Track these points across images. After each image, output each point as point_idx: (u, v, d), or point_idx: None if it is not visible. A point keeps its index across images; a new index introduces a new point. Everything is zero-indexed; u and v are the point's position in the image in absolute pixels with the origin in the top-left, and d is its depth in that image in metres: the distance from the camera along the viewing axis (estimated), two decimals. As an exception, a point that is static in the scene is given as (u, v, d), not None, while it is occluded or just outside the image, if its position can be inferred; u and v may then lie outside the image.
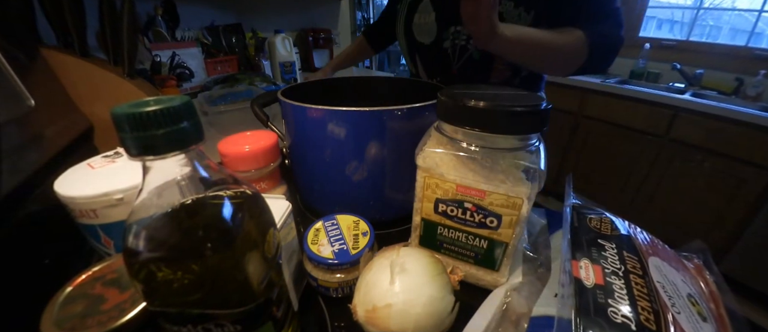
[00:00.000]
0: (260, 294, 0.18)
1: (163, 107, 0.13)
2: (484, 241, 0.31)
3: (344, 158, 0.37)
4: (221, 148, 0.38)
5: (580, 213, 0.31)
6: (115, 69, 0.50)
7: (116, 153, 0.32)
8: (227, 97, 0.87)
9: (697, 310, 0.23)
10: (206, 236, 0.15)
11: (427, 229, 0.34)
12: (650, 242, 0.29)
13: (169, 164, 0.14)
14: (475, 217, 0.30)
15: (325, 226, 0.33)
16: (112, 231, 0.28)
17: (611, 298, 0.21)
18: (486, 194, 0.28)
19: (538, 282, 0.30)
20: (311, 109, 0.35)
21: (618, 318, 0.20)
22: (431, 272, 0.26)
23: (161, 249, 0.15)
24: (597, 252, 0.26)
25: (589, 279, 0.23)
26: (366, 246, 0.31)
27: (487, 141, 0.27)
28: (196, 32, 1.24)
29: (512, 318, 0.28)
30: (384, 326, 0.24)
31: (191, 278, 0.15)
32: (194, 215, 0.16)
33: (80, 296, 0.20)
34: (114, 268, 0.22)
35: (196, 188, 0.16)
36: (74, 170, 0.29)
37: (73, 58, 0.47)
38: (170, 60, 1.08)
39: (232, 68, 1.27)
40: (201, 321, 0.16)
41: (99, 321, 0.19)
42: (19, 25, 0.44)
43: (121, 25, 0.48)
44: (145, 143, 0.13)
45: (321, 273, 0.30)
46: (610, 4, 0.49)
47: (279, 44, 1.27)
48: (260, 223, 0.18)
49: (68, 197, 0.26)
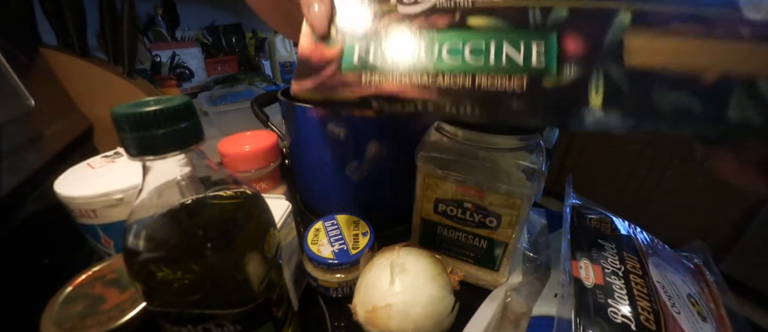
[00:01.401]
0: (260, 294, 0.18)
1: (163, 107, 0.13)
2: (484, 241, 0.31)
3: (344, 158, 0.37)
4: (221, 148, 0.38)
5: (580, 213, 0.31)
6: (115, 69, 0.50)
7: (116, 153, 0.32)
8: (227, 97, 0.87)
9: (697, 310, 0.23)
10: (206, 236, 0.15)
11: (426, 229, 0.34)
12: (650, 242, 0.29)
13: (169, 164, 0.14)
14: (475, 217, 0.30)
15: (325, 226, 0.33)
16: (112, 231, 0.28)
17: (611, 298, 0.21)
18: (485, 194, 0.28)
19: (538, 282, 0.30)
20: (311, 109, 0.35)
21: (618, 318, 0.20)
22: (431, 272, 0.26)
23: (161, 249, 0.15)
24: (597, 251, 0.26)
25: (589, 279, 0.23)
26: (366, 246, 0.31)
27: (487, 141, 0.27)
28: (196, 32, 1.24)
29: (511, 318, 0.28)
30: (384, 326, 0.24)
31: (191, 278, 0.15)
32: (194, 215, 0.16)
33: (80, 296, 0.20)
34: (114, 268, 0.23)
35: (196, 188, 0.16)
36: (74, 170, 0.29)
37: (73, 58, 0.47)
38: (170, 60, 1.08)
39: (232, 68, 1.27)
40: (201, 321, 0.16)
41: (99, 321, 0.19)
42: (19, 25, 0.44)
43: (121, 25, 0.48)
44: (145, 143, 0.13)
45: (321, 273, 0.30)
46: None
47: (279, 44, 1.26)
48: (260, 223, 0.18)
49: (68, 197, 0.26)
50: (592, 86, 0.16)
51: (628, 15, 0.16)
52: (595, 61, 0.16)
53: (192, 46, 1.15)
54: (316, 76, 0.20)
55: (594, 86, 0.16)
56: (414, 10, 0.19)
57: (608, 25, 0.16)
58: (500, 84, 0.17)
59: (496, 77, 0.17)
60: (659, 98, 0.16)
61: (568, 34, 0.17)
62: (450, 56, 0.18)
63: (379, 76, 0.19)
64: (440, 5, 0.18)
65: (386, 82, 0.19)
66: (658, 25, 0.16)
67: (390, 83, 0.19)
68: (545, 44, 0.17)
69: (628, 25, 0.16)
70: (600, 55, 0.16)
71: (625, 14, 0.16)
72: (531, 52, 0.17)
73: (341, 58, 0.20)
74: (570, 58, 0.16)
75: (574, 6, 0.17)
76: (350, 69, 0.20)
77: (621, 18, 0.16)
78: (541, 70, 0.17)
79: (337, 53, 0.20)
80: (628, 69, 0.16)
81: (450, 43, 0.18)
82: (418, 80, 0.18)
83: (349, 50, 0.20)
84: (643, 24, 0.16)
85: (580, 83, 0.16)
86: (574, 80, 0.16)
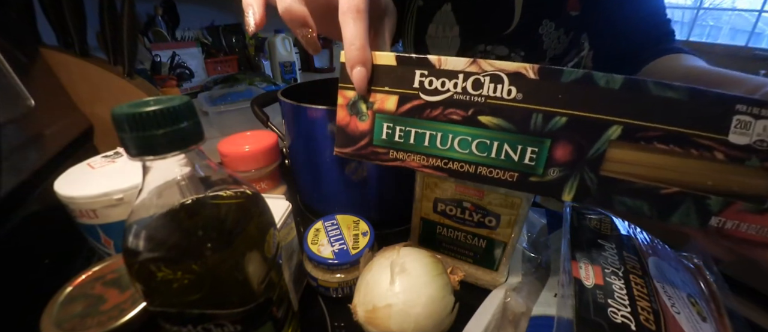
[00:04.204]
0: (260, 294, 0.18)
1: (162, 107, 0.13)
2: (483, 240, 0.31)
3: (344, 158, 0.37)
4: (221, 148, 0.38)
5: (580, 213, 0.31)
6: (115, 69, 0.50)
7: (116, 153, 0.32)
8: (227, 97, 0.87)
9: (697, 310, 0.23)
10: (206, 236, 0.15)
11: (426, 229, 0.34)
12: (650, 242, 0.29)
13: (169, 164, 0.14)
14: (474, 216, 0.30)
15: (325, 226, 0.33)
16: (112, 231, 0.28)
17: (611, 298, 0.21)
18: (485, 194, 0.28)
19: (538, 282, 0.30)
20: (311, 109, 0.35)
21: (618, 318, 0.20)
22: (431, 272, 0.26)
23: (161, 249, 0.15)
24: (597, 252, 0.26)
25: (588, 279, 0.23)
26: (366, 246, 0.31)
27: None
28: (196, 32, 1.24)
29: (511, 318, 0.28)
30: (384, 326, 0.24)
31: (191, 278, 0.15)
32: (194, 215, 0.16)
33: (80, 296, 0.20)
34: (114, 268, 0.22)
35: (196, 188, 0.16)
36: (74, 170, 0.29)
37: (73, 58, 0.47)
38: (170, 60, 1.08)
39: (232, 68, 1.27)
40: (201, 321, 0.16)
41: (99, 321, 0.19)
42: (19, 25, 0.44)
43: (121, 25, 0.48)
44: (144, 143, 0.13)
45: (321, 273, 0.31)
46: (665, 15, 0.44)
47: (279, 44, 1.26)
48: (260, 223, 0.18)
49: (68, 197, 0.26)
50: (567, 186, 0.20)
51: (619, 129, 0.18)
52: (575, 168, 0.20)
53: (192, 46, 1.15)
54: (353, 146, 0.25)
55: (569, 185, 0.20)
56: (434, 99, 0.22)
57: (598, 136, 0.19)
58: (496, 174, 0.22)
59: (495, 170, 0.22)
60: (617, 200, 0.19)
61: (560, 142, 0.20)
62: (460, 147, 0.22)
63: (403, 155, 0.24)
64: (457, 98, 0.21)
65: (408, 159, 0.24)
66: (642, 141, 0.18)
67: (411, 161, 0.23)
68: (538, 150, 0.20)
69: (615, 138, 0.18)
70: (582, 162, 0.19)
71: (616, 128, 0.18)
72: (526, 154, 0.21)
73: (373, 133, 0.24)
74: (556, 163, 0.20)
75: (573, 114, 0.19)
76: (380, 143, 0.24)
77: (611, 131, 0.18)
78: (530, 168, 0.21)
79: (368, 128, 0.24)
80: (601, 176, 0.19)
81: (461, 136, 0.22)
82: (433, 163, 0.23)
83: (378, 127, 0.24)
84: (629, 139, 0.18)
85: (558, 182, 0.20)
86: (554, 180, 0.20)
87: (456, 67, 0.21)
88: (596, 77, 0.18)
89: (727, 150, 0.17)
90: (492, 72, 0.20)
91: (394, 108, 0.23)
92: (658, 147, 0.18)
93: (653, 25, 0.44)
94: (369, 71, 0.22)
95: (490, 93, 0.20)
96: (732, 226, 0.18)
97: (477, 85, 0.20)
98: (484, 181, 0.22)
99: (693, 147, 0.17)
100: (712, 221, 0.18)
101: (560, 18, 0.46)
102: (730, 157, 0.17)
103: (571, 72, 0.18)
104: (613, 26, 0.45)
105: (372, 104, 0.23)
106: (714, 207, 0.18)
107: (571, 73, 0.18)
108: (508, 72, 0.20)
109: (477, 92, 0.21)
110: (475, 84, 0.20)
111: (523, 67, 0.19)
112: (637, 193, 0.19)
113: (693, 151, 0.17)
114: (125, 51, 0.49)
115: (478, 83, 0.20)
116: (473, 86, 0.21)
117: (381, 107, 0.23)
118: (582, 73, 0.18)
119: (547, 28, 0.47)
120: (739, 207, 0.17)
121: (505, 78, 0.20)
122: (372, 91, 0.23)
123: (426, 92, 0.22)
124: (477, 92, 0.20)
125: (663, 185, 0.18)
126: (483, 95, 0.20)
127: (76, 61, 0.47)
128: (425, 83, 0.22)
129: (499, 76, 0.20)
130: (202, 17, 1.25)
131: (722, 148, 0.17)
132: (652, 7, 0.44)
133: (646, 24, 0.44)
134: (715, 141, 0.17)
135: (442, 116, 0.22)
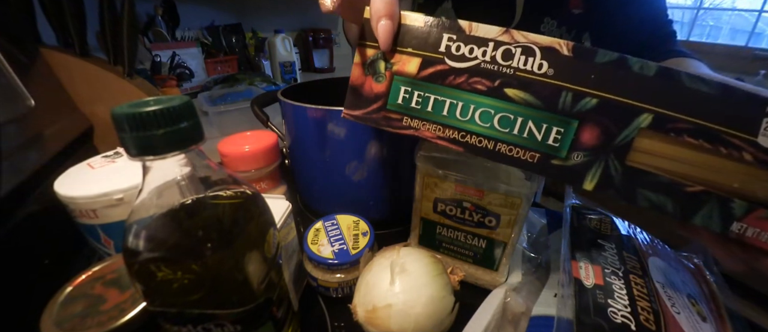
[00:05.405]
0: (260, 294, 0.18)
1: (162, 107, 0.13)
2: (483, 240, 0.31)
3: (344, 158, 0.37)
4: (221, 148, 0.38)
5: (580, 213, 0.31)
6: (115, 69, 0.50)
7: (116, 153, 0.32)
8: (227, 97, 0.87)
9: (697, 310, 0.23)
10: (206, 236, 0.15)
11: (425, 229, 0.34)
12: (650, 242, 0.29)
13: (169, 164, 0.14)
14: (474, 216, 0.30)
15: (325, 226, 0.33)
16: (112, 231, 0.28)
17: (611, 298, 0.21)
18: (485, 194, 0.28)
19: (538, 282, 0.30)
20: (311, 109, 0.35)
21: (618, 318, 0.20)
22: (431, 272, 0.26)
23: (161, 249, 0.15)
24: (597, 252, 0.26)
25: (588, 279, 0.23)
26: (366, 246, 0.31)
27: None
28: (196, 32, 1.24)
29: (511, 318, 0.28)
30: (384, 326, 0.24)
31: (191, 278, 0.15)
32: (194, 215, 0.16)
33: (80, 296, 0.20)
34: (114, 268, 0.22)
35: (196, 188, 0.16)
36: (74, 170, 0.29)
37: (73, 58, 0.47)
38: (170, 60, 1.08)
39: (232, 68, 1.27)
40: (201, 321, 0.16)
41: (99, 321, 0.19)
42: (19, 25, 0.44)
43: (121, 25, 0.48)
44: (144, 143, 0.13)
45: (321, 273, 0.31)
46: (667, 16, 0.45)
47: (279, 44, 1.26)
48: (260, 223, 0.18)
49: (68, 197, 0.26)
50: (590, 173, 0.19)
51: (650, 117, 0.17)
52: (601, 154, 0.19)
53: (192, 46, 1.15)
54: (364, 108, 0.23)
55: (592, 173, 0.19)
56: (460, 65, 0.20)
57: (628, 122, 0.18)
58: (516, 153, 0.20)
59: (515, 148, 0.20)
60: (641, 194, 0.18)
61: (588, 124, 0.18)
62: (481, 120, 0.21)
63: (417, 123, 0.22)
64: (485, 67, 0.20)
65: (423, 128, 0.22)
66: (672, 133, 0.17)
67: (425, 131, 0.22)
68: (564, 131, 0.19)
69: (645, 127, 0.18)
70: (609, 149, 0.18)
71: (647, 116, 0.17)
72: (550, 134, 0.19)
73: (388, 96, 0.22)
74: (581, 147, 0.19)
75: (604, 97, 0.18)
76: (394, 108, 0.22)
77: (642, 118, 0.18)
78: (554, 150, 0.19)
79: (384, 90, 0.22)
80: (627, 165, 0.18)
81: (483, 108, 0.20)
82: (450, 134, 0.21)
83: (395, 90, 0.22)
84: (659, 129, 0.17)
85: (581, 168, 0.19)
86: (577, 165, 0.19)
87: (487, 35, 0.20)
88: (631, 62, 0.18)
89: (756, 152, 0.16)
90: (524, 44, 0.19)
91: (416, 71, 0.21)
92: (688, 141, 0.17)
93: (655, 25, 0.44)
94: (395, 26, 0.21)
95: (520, 66, 0.19)
96: (753, 234, 0.17)
97: (507, 55, 0.19)
98: (502, 159, 0.20)
99: (722, 145, 0.17)
100: (734, 226, 0.17)
101: (562, 16, 0.46)
102: (758, 160, 0.16)
103: (605, 53, 0.18)
104: (614, 26, 0.46)
105: (392, 65, 0.22)
106: (737, 212, 0.17)
107: (606, 55, 0.18)
108: (541, 45, 0.19)
109: (507, 63, 0.19)
110: (505, 54, 0.19)
111: (557, 43, 0.19)
112: (662, 188, 0.18)
113: (722, 149, 0.17)
114: (125, 51, 0.49)
115: (508, 53, 0.19)
116: (503, 56, 0.19)
117: (401, 69, 0.22)
118: (616, 55, 0.18)
119: (548, 27, 0.47)
120: (761, 214, 0.17)
121: (537, 51, 0.19)
122: (394, 51, 0.22)
123: (452, 58, 0.20)
124: (507, 62, 0.19)
125: (689, 182, 0.18)
126: (512, 66, 0.19)
127: (76, 61, 0.47)
128: (452, 47, 0.20)
129: (531, 49, 0.19)
130: (202, 17, 1.25)
131: (751, 149, 0.16)
132: (654, 8, 0.44)
133: (648, 24, 0.44)
134: (745, 141, 0.16)
135: (465, 85, 0.20)
